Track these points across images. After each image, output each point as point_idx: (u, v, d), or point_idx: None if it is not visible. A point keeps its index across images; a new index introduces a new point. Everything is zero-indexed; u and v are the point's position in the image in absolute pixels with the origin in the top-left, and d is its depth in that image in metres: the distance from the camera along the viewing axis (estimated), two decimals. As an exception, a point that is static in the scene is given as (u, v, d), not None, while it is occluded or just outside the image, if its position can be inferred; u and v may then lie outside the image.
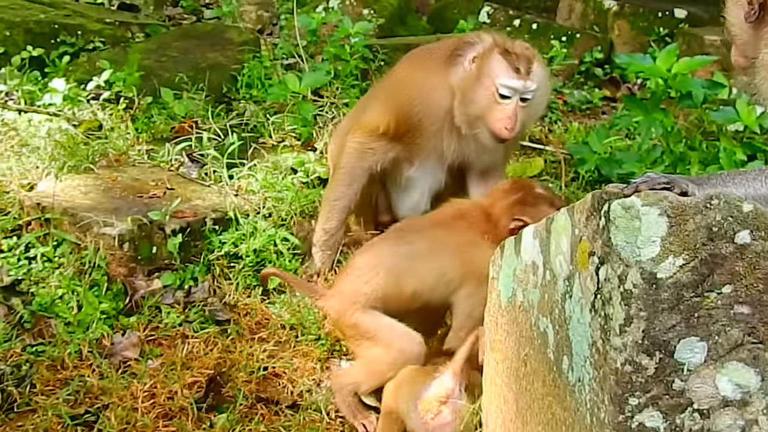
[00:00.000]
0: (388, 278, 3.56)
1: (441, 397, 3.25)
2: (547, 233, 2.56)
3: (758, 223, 2.08)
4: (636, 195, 2.12)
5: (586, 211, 2.31)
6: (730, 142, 5.10)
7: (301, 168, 4.94)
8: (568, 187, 5.20)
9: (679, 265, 2.09)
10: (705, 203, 2.08)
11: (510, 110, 3.99)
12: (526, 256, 2.71)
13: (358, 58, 6.16)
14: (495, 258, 3.01)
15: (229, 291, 4.14)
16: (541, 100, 4.18)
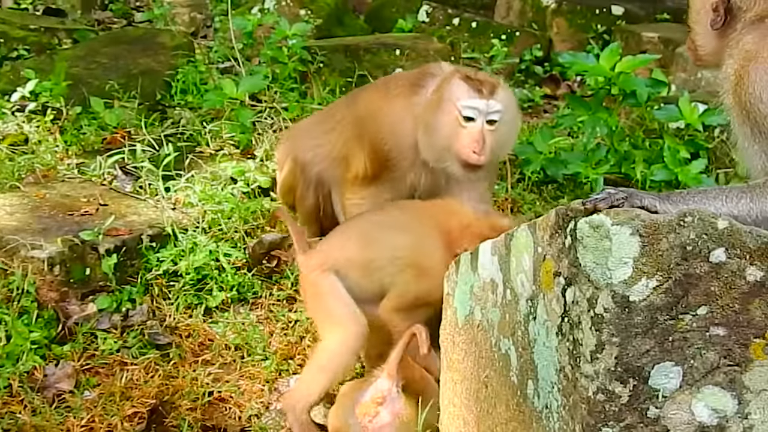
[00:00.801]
0: (357, 242, 3.54)
1: (377, 399, 3.15)
2: (507, 250, 2.40)
3: (733, 240, 1.95)
4: (605, 213, 1.97)
5: (550, 228, 2.16)
6: (673, 141, 5.04)
7: (241, 177, 4.71)
8: (514, 188, 5.07)
9: (653, 287, 1.95)
10: (678, 221, 1.94)
11: (476, 132, 3.68)
12: (484, 274, 2.56)
13: (296, 60, 5.94)
14: (450, 273, 2.86)
15: (169, 312, 3.90)
16: (510, 126, 3.89)
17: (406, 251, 3.44)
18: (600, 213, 1.97)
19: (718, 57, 2.77)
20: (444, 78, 3.85)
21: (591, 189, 4.93)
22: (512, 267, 2.36)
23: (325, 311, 3.46)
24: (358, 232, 3.61)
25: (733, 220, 1.95)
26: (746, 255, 1.96)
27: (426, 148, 3.80)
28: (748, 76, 2.59)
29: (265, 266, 4.23)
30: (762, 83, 2.57)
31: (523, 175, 5.15)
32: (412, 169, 3.90)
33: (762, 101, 2.55)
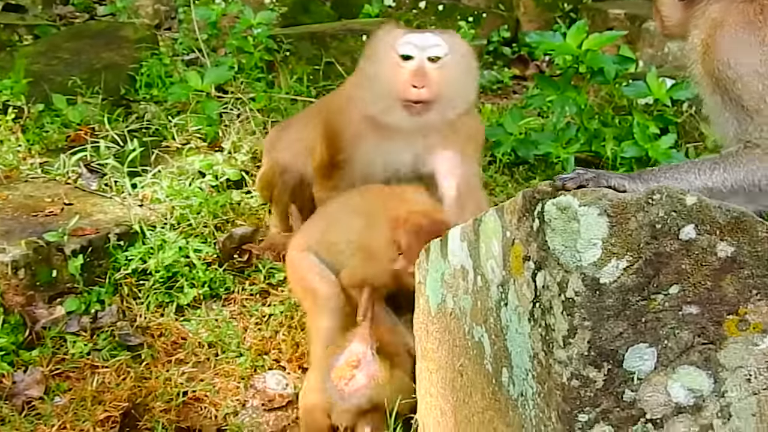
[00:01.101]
0: (324, 225, 3.59)
1: (352, 362, 3.15)
2: (476, 236, 2.35)
3: (703, 216, 1.91)
4: (572, 194, 1.91)
5: (518, 211, 2.10)
6: (642, 117, 5.00)
7: (209, 171, 4.62)
8: (486, 171, 5.01)
9: (623, 268, 1.90)
10: (646, 199, 1.89)
11: (414, 66, 3.45)
12: (454, 260, 2.50)
13: (262, 49, 5.84)
14: (420, 261, 2.80)
15: (139, 312, 3.82)
16: (460, 68, 3.60)
17: (358, 235, 3.43)
18: (567, 194, 1.91)
19: (683, 28, 2.73)
20: (382, 33, 3.68)
21: (562, 169, 4.88)
22: (482, 253, 2.30)
23: (302, 285, 3.50)
24: (326, 215, 3.65)
25: (705, 194, 1.91)
26: (716, 231, 1.91)
27: (371, 102, 3.59)
28: (715, 44, 2.56)
29: (237, 261, 4.16)
30: (729, 49, 2.54)
31: (494, 157, 5.10)
32: (365, 149, 3.69)
33: (730, 67, 2.52)
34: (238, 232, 4.21)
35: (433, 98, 3.49)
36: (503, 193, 4.80)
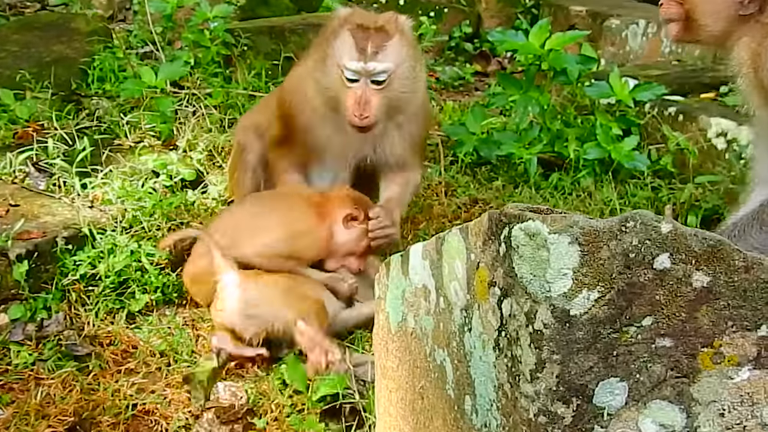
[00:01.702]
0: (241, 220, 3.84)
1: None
2: (438, 255, 2.21)
3: (677, 245, 1.78)
4: (541, 220, 1.78)
5: (483, 234, 1.97)
6: (605, 118, 4.91)
7: (163, 170, 4.41)
8: (448, 171, 4.89)
9: (594, 299, 1.78)
10: (619, 226, 1.76)
11: (359, 95, 3.51)
12: (415, 278, 2.36)
13: (219, 43, 5.63)
14: (380, 276, 2.65)
15: (88, 319, 3.62)
16: (405, 81, 3.63)
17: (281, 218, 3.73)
18: (536, 219, 1.78)
19: (724, 38, 2.59)
20: (333, 29, 3.65)
21: (525, 170, 4.78)
22: (445, 273, 2.17)
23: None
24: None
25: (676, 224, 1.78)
26: (692, 260, 1.79)
27: (321, 104, 3.71)
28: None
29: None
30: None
31: (456, 157, 4.97)
32: (321, 130, 3.77)
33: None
34: (190, 234, 4.01)
35: (376, 120, 3.60)
36: (465, 194, 4.68)
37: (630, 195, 4.65)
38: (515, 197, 4.65)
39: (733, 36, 2.57)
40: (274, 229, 3.67)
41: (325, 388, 3.19)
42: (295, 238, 3.67)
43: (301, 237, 3.68)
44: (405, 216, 4.46)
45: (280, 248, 3.62)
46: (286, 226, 3.69)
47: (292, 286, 3.55)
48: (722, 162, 4.64)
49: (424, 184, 4.74)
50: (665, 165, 4.79)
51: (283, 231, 3.67)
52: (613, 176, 4.75)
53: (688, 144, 4.73)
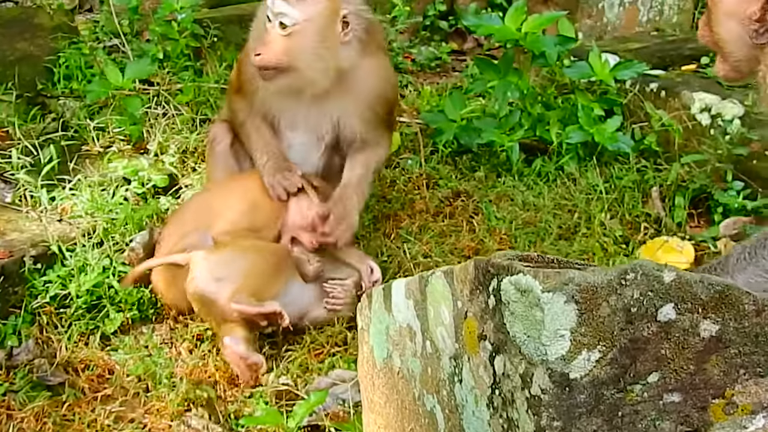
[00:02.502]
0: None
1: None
2: (422, 296, 2.00)
3: (682, 293, 1.58)
4: (532, 275, 1.57)
5: (469, 282, 1.76)
6: (586, 98, 4.68)
7: (135, 177, 4.17)
8: (428, 162, 4.66)
9: (595, 360, 1.58)
10: (619, 279, 1.56)
11: (264, 33, 3.45)
12: (399, 317, 2.15)
13: (188, 35, 5.33)
14: (362, 306, 2.45)
15: (60, 344, 3.40)
16: (313, 44, 3.45)
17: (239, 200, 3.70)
18: (526, 274, 1.57)
19: (752, 65, 2.39)
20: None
21: (507, 158, 4.55)
22: (430, 317, 1.96)
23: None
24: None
25: (680, 272, 1.58)
26: (698, 308, 1.60)
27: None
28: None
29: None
30: None
31: (435, 146, 4.74)
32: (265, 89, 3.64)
33: None
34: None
35: (272, 65, 3.43)
36: (447, 186, 4.46)
37: (615, 178, 4.45)
38: (498, 187, 4.43)
39: (755, 64, 2.37)
40: (235, 205, 3.66)
41: (302, 410, 2.99)
42: (255, 211, 3.65)
43: (260, 209, 3.66)
44: (387, 212, 4.27)
45: (243, 222, 3.61)
46: (246, 200, 3.68)
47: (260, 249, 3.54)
48: (707, 139, 4.43)
49: (405, 177, 4.52)
50: (649, 144, 4.58)
51: (244, 205, 3.66)
52: (597, 159, 4.54)
53: (672, 122, 4.52)
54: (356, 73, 3.62)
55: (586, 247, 4.01)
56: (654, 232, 4.16)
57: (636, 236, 4.11)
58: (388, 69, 3.86)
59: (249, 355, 3.24)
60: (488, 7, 6.57)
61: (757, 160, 4.26)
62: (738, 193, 4.18)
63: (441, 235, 4.11)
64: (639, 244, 4.05)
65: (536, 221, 4.18)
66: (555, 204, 4.27)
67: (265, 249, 3.55)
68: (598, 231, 4.10)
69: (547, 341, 1.55)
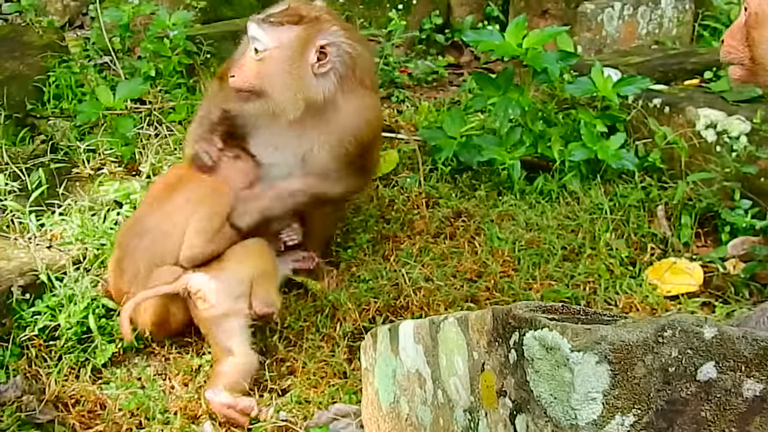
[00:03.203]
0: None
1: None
2: (433, 342, 1.84)
3: (724, 351, 1.43)
4: (559, 330, 1.42)
5: (487, 333, 1.60)
6: (588, 115, 4.53)
7: (126, 200, 4.00)
8: (428, 180, 4.51)
9: (630, 424, 1.42)
10: (655, 337, 1.41)
11: (243, 57, 3.43)
12: (407, 361, 2.00)
13: (180, 52, 5.17)
14: (366, 345, 2.29)
15: (50, 379, 3.23)
16: (280, 62, 3.35)
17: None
18: (552, 329, 1.42)
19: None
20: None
21: (508, 176, 4.40)
22: (442, 365, 1.80)
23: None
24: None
25: (722, 327, 1.43)
26: (741, 366, 1.45)
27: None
28: None
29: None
30: None
31: (434, 164, 4.58)
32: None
33: None
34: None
35: (244, 87, 3.38)
36: (447, 205, 4.30)
37: (620, 196, 4.29)
38: (500, 206, 4.28)
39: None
40: (189, 225, 3.43)
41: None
42: (214, 207, 3.46)
43: (216, 198, 3.49)
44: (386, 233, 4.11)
45: (214, 222, 3.43)
46: (194, 215, 3.44)
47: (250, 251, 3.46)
48: (713, 156, 4.28)
49: (404, 197, 4.37)
50: (654, 161, 4.43)
51: (197, 222, 3.43)
52: (600, 177, 4.39)
53: (677, 139, 4.37)
54: (333, 108, 3.48)
55: (592, 269, 3.85)
56: (660, 253, 4.01)
57: (643, 257, 3.96)
58: (369, 108, 3.63)
59: (236, 402, 3.09)
60: (484, 20, 6.45)
61: (765, 177, 4.11)
62: (746, 212, 4.03)
63: (442, 258, 3.95)
64: (646, 266, 3.90)
65: (540, 242, 4.02)
66: (558, 224, 4.12)
67: (252, 248, 3.46)
68: (604, 252, 3.95)
69: (578, 405, 1.39)
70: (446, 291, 3.69)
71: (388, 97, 5.57)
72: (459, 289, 3.73)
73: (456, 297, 3.66)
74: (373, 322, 3.55)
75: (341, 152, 3.54)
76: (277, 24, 3.32)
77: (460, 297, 3.67)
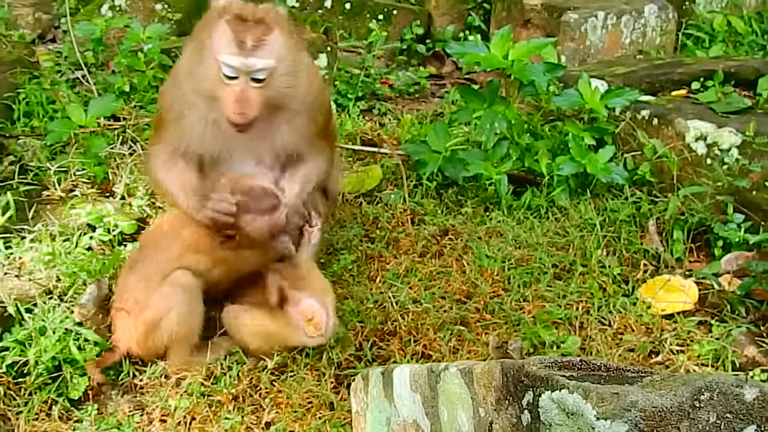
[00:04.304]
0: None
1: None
2: (432, 393, 1.66)
3: (766, 413, 1.27)
4: (581, 395, 1.24)
5: (495, 390, 1.42)
6: (576, 127, 4.38)
7: (100, 224, 3.79)
8: (412, 196, 4.33)
9: (663, 500, 1.26)
10: (691, 402, 1.23)
11: (237, 93, 3.08)
12: (403, 410, 1.81)
13: (155, 66, 4.98)
14: (356, 387, 2.10)
15: (18, 420, 3.01)
16: (287, 77, 3.18)
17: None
18: (573, 391, 1.24)
19: None
20: (210, 17, 3.14)
21: (495, 191, 4.24)
22: (443, 418, 1.62)
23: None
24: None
25: (763, 387, 1.26)
26: (785, 429, 1.28)
27: (195, 94, 3.21)
28: None
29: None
30: None
31: (419, 179, 4.41)
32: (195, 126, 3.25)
33: None
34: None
35: (257, 114, 3.14)
36: (433, 223, 4.13)
37: (610, 211, 4.14)
38: (487, 223, 4.11)
39: None
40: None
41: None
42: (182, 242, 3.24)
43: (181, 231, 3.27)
44: (371, 252, 3.92)
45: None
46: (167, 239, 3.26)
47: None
48: (704, 169, 4.15)
49: (388, 214, 4.19)
50: (644, 175, 4.29)
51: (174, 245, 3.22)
52: (589, 191, 4.24)
53: (667, 151, 4.23)
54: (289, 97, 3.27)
55: (584, 287, 3.69)
56: (653, 269, 3.86)
57: (635, 274, 3.81)
58: (319, 85, 3.49)
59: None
60: (466, 30, 6.30)
61: (758, 191, 3.98)
62: (739, 227, 3.89)
63: (430, 278, 3.78)
64: (639, 283, 3.74)
65: (530, 260, 3.85)
66: (548, 240, 3.95)
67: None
68: (596, 269, 3.79)
69: (605, 481, 1.22)
70: (435, 314, 3.51)
71: (369, 110, 5.41)
72: (448, 311, 3.56)
73: (445, 320, 3.48)
74: (360, 349, 3.36)
75: (309, 124, 3.37)
76: (262, 44, 3.06)
77: (450, 320, 3.49)
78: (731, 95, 4.51)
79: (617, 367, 1.38)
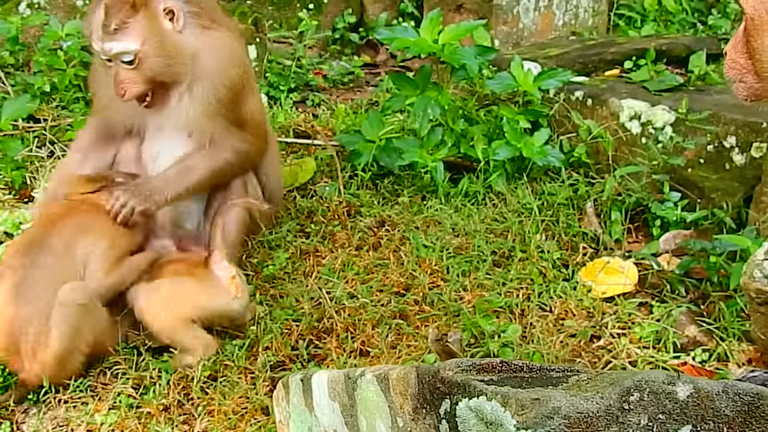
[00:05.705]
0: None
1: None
2: (351, 401, 1.51)
3: (701, 411, 1.14)
4: (499, 400, 1.11)
5: (412, 397, 1.28)
6: (511, 111, 4.27)
7: (18, 232, 3.56)
8: (348, 188, 4.18)
9: None
10: (619, 404, 1.11)
11: (114, 73, 3.22)
12: (323, 419, 1.66)
13: (76, 64, 4.73)
14: (278, 396, 1.95)
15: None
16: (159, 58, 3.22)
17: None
18: (491, 398, 1.11)
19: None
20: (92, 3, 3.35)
21: (431, 179, 4.11)
22: (362, 427, 1.48)
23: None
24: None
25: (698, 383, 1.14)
26: (723, 428, 1.17)
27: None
28: None
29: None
30: None
31: (354, 170, 4.26)
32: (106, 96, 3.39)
33: None
34: None
35: (140, 92, 3.27)
36: (370, 214, 3.98)
37: (548, 194, 4.05)
38: (424, 211, 3.98)
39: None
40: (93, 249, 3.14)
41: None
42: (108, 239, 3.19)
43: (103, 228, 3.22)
44: (306, 248, 3.76)
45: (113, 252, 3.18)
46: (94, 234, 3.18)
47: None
48: (639, 148, 4.07)
49: (323, 207, 4.03)
50: (579, 156, 4.20)
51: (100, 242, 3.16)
52: (526, 175, 4.13)
53: (602, 132, 4.15)
54: (199, 56, 3.33)
55: (524, 273, 3.58)
56: (593, 252, 3.77)
57: (575, 258, 3.71)
58: (228, 47, 3.44)
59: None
60: (399, 17, 6.16)
61: (693, 168, 3.92)
62: (675, 205, 3.83)
63: (367, 271, 3.63)
64: (579, 267, 3.65)
65: (468, 248, 3.73)
66: (486, 227, 3.84)
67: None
68: (535, 255, 3.69)
69: (529, 496, 1.09)
70: (373, 308, 3.37)
71: (303, 102, 5.23)
72: (386, 304, 3.42)
73: (383, 314, 3.34)
74: (295, 349, 3.21)
75: (217, 105, 3.36)
76: (123, 27, 3.12)
77: (388, 314, 3.35)
78: (663, 73, 4.45)
79: (540, 366, 1.25)
